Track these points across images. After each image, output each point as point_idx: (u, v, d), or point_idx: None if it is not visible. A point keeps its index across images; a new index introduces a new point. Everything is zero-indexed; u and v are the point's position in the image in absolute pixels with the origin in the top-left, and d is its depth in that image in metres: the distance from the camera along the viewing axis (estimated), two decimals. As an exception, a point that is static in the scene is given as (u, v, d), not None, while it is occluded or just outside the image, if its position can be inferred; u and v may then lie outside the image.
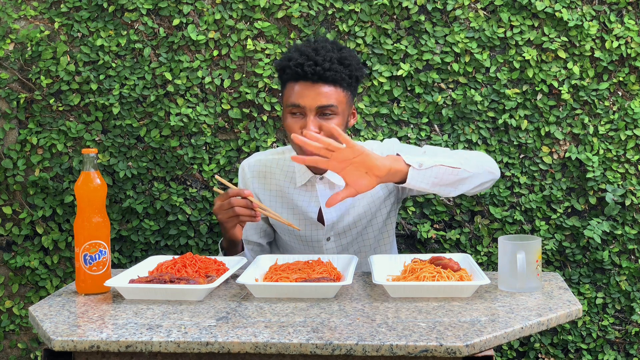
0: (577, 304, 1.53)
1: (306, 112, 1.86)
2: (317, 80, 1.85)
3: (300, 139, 1.62)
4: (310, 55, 1.86)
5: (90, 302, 1.58)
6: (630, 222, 2.36)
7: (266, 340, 1.31)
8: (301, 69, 1.85)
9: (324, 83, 1.85)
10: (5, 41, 2.39)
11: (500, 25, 2.35)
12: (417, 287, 1.57)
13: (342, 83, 1.87)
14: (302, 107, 1.85)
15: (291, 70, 1.87)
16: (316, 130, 1.83)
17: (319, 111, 1.85)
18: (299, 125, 1.87)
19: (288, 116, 1.89)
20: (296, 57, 1.87)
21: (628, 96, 2.36)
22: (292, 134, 1.85)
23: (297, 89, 1.86)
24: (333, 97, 1.86)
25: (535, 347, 2.40)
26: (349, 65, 1.88)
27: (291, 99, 1.87)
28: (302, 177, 2.00)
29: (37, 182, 2.41)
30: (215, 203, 1.83)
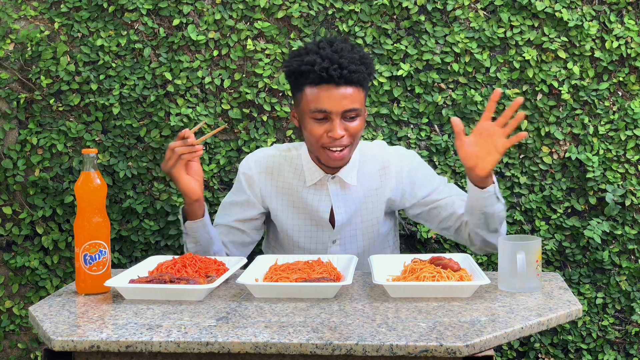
0: (577, 304, 1.53)
1: (332, 116, 1.85)
2: (342, 84, 1.84)
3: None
4: (333, 58, 1.84)
5: (90, 302, 1.58)
6: (630, 222, 2.36)
7: (266, 340, 1.31)
8: (326, 73, 1.83)
9: (348, 85, 1.85)
10: (5, 41, 2.39)
11: (500, 25, 2.35)
12: (417, 287, 1.57)
13: (364, 83, 1.89)
14: (329, 112, 1.85)
15: (315, 75, 1.84)
16: (343, 134, 1.85)
17: (344, 115, 1.86)
18: (324, 129, 1.87)
19: (311, 121, 1.88)
20: (319, 61, 1.83)
21: (628, 96, 2.36)
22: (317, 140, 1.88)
23: (321, 93, 1.85)
24: (357, 99, 1.87)
25: (535, 347, 2.40)
26: (369, 65, 1.90)
27: (315, 104, 1.85)
28: (313, 176, 1.99)
29: (37, 182, 2.41)
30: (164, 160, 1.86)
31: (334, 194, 1.99)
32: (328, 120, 1.86)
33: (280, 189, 2.02)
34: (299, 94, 1.90)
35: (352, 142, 1.90)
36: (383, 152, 2.06)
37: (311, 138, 1.89)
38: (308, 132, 1.89)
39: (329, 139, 1.87)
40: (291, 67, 1.90)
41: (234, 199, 2.06)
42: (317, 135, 1.87)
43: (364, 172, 2.02)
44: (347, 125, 1.87)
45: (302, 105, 1.89)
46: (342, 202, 2.00)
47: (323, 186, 2.00)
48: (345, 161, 1.94)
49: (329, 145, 1.88)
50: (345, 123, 1.86)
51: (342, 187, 2.00)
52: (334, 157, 1.89)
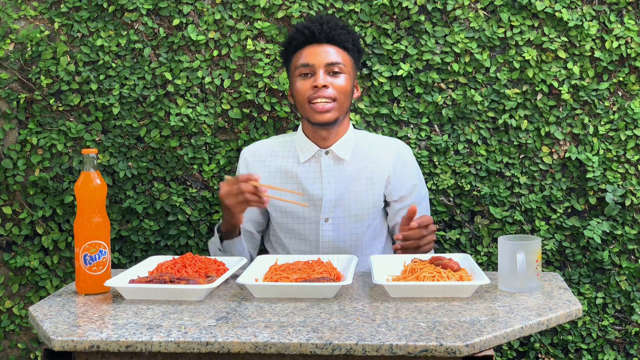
0: (577, 304, 1.53)
1: (315, 69, 1.95)
2: (324, 41, 1.97)
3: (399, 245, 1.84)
4: (315, 19, 2.00)
5: (90, 302, 1.58)
6: (630, 222, 2.36)
7: (266, 340, 1.31)
8: (308, 30, 1.96)
9: (331, 44, 1.97)
10: (5, 41, 2.39)
11: (500, 25, 2.35)
12: (417, 287, 1.57)
13: (347, 46, 1.99)
14: (312, 65, 1.95)
15: (298, 35, 1.97)
16: (325, 84, 1.93)
17: (328, 69, 1.95)
18: (309, 84, 1.95)
19: (297, 80, 1.97)
20: (302, 25, 1.99)
21: (628, 96, 2.36)
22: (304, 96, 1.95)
23: (305, 51, 1.97)
24: (340, 56, 1.97)
25: (535, 347, 2.40)
26: (353, 34, 2.02)
27: (300, 60, 1.97)
28: (307, 152, 2.04)
29: (37, 182, 2.41)
30: (222, 188, 1.85)
31: (326, 169, 2.03)
32: (312, 75, 1.96)
33: (273, 171, 2.06)
34: (290, 66, 2.02)
35: (337, 98, 1.96)
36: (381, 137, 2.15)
37: (299, 97, 1.98)
38: (297, 93, 1.98)
39: (313, 89, 1.94)
40: (284, 43, 2.05)
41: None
42: (303, 89, 1.96)
43: (360, 151, 2.07)
44: (332, 81, 1.96)
45: (291, 73, 2.01)
46: (333, 177, 2.03)
47: (316, 161, 2.04)
48: (332, 117, 1.97)
49: (313, 96, 1.94)
50: (329, 78, 1.95)
51: (335, 162, 2.04)
52: (319, 109, 1.94)
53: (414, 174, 2.11)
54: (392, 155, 2.09)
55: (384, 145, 2.11)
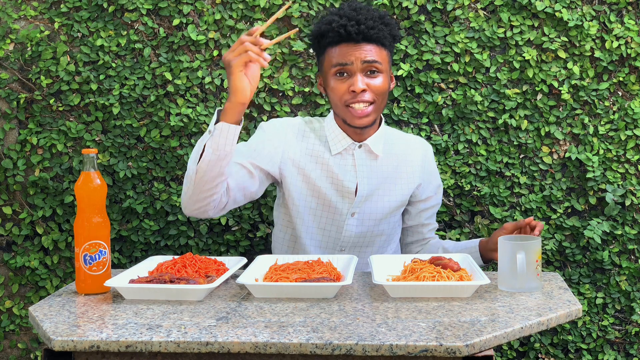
0: (577, 304, 1.53)
1: (353, 70, 1.86)
2: (361, 40, 1.85)
3: None
4: (351, 15, 1.85)
5: (90, 302, 1.58)
6: (630, 222, 2.36)
7: (266, 340, 1.31)
8: (344, 29, 1.84)
9: (368, 42, 1.86)
10: (5, 41, 2.39)
11: (500, 25, 2.35)
12: (417, 287, 1.57)
13: (385, 42, 1.89)
14: (349, 64, 1.85)
15: (333, 33, 1.86)
16: (364, 88, 1.85)
17: (365, 68, 1.86)
18: (346, 86, 1.87)
19: (333, 79, 1.88)
20: (337, 19, 1.85)
21: (628, 96, 2.36)
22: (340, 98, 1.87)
23: (340, 50, 1.86)
24: (377, 54, 1.87)
25: (535, 347, 2.40)
26: (389, 24, 1.90)
27: (337, 59, 1.86)
28: (339, 144, 1.97)
29: (37, 182, 2.41)
30: (227, 51, 1.74)
31: (360, 163, 1.98)
32: (349, 76, 1.86)
33: (308, 151, 1.97)
34: (322, 58, 1.91)
35: (376, 100, 1.89)
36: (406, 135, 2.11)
37: (334, 96, 1.89)
38: (331, 91, 1.89)
39: (351, 94, 1.86)
40: (313, 32, 1.92)
41: (251, 144, 1.95)
42: (340, 92, 1.87)
43: (390, 148, 2.03)
44: (369, 82, 1.86)
45: (324, 66, 1.90)
46: (366, 172, 1.99)
47: (349, 154, 1.98)
48: (370, 120, 1.91)
49: (351, 101, 1.87)
50: (366, 79, 1.86)
51: (368, 156, 1.99)
52: (358, 114, 1.88)
53: (437, 175, 2.13)
54: (420, 158, 2.07)
55: (412, 145, 2.08)
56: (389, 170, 2.02)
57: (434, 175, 2.11)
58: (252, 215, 2.41)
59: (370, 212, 2.00)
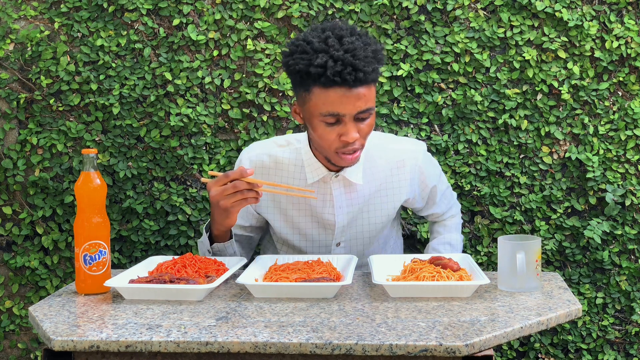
0: (577, 304, 1.53)
1: (344, 120, 1.71)
2: (356, 85, 1.68)
3: None
4: (346, 60, 1.66)
5: (90, 302, 1.58)
6: (630, 222, 2.36)
7: (266, 340, 1.31)
8: (340, 77, 1.66)
9: (362, 85, 1.69)
10: (5, 41, 2.39)
11: (500, 25, 2.35)
12: (417, 287, 1.57)
13: (376, 79, 1.74)
14: (342, 114, 1.69)
15: (326, 79, 1.67)
16: (357, 137, 1.72)
17: (358, 116, 1.72)
18: (336, 133, 1.72)
19: (321, 125, 1.72)
20: (331, 64, 1.66)
21: (628, 96, 2.36)
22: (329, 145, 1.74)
23: (332, 96, 1.68)
24: (370, 98, 1.71)
25: (535, 347, 2.40)
26: (381, 60, 1.74)
27: (327, 107, 1.69)
28: (314, 173, 1.87)
29: (37, 182, 2.41)
30: (212, 189, 1.67)
31: (337, 194, 1.90)
32: (340, 123, 1.72)
33: (277, 188, 1.88)
34: (305, 94, 1.72)
35: (364, 142, 1.78)
36: (394, 146, 1.96)
37: (322, 142, 1.76)
38: (318, 137, 1.75)
39: (342, 142, 1.73)
40: (296, 67, 1.71)
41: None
42: (329, 140, 1.74)
43: (371, 169, 1.92)
44: (360, 127, 1.73)
45: (308, 106, 1.73)
46: (345, 202, 1.91)
47: (326, 185, 1.89)
48: (357, 160, 1.82)
49: (341, 149, 1.75)
50: (358, 124, 1.73)
51: (346, 185, 1.90)
52: (348, 160, 1.77)
53: (431, 177, 2.00)
54: (409, 173, 1.95)
55: (398, 160, 1.94)
56: (370, 194, 1.93)
57: (426, 183, 1.99)
58: (252, 215, 2.41)
59: (356, 237, 1.97)
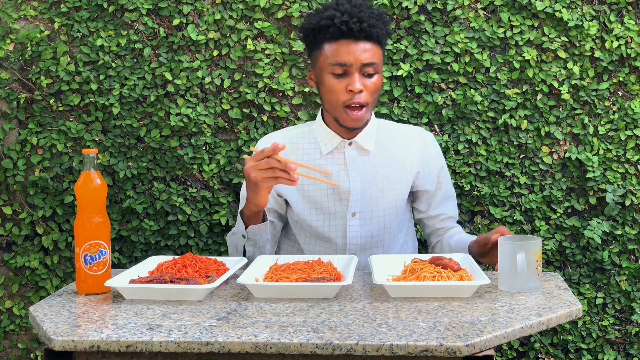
0: (577, 304, 1.53)
1: (351, 70, 1.85)
2: (362, 38, 1.85)
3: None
4: (353, 12, 1.84)
5: (91, 302, 1.58)
6: (630, 222, 2.36)
7: (266, 340, 1.31)
8: (346, 26, 1.82)
9: (367, 40, 1.85)
10: (5, 41, 2.39)
11: (500, 25, 2.35)
12: (417, 287, 1.57)
13: (382, 40, 1.89)
14: (348, 65, 1.84)
15: (334, 29, 1.84)
16: (362, 88, 1.84)
17: (363, 70, 1.85)
18: (343, 85, 1.86)
19: (329, 77, 1.87)
20: (338, 15, 1.84)
21: (628, 96, 2.36)
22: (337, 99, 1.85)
23: (340, 47, 1.85)
24: (375, 54, 1.87)
25: (535, 347, 2.40)
26: (387, 23, 1.91)
27: (335, 58, 1.85)
28: (329, 143, 1.97)
29: (37, 182, 2.41)
30: (248, 162, 1.73)
31: (350, 161, 1.97)
32: (347, 75, 1.85)
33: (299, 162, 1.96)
34: (317, 52, 1.89)
35: (371, 101, 1.89)
36: (402, 127, 2.08)
37: (330, 96, 1.88)
38: (326, 90, 1.88)
39: (349, 94, 1.86)
40: (309, 25, 1.89)
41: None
42: (337, 91, 1.86)
43: (383, 141, 2.01)
44: (365, 82, 1.86)
45: (320, 62, 1.88)
46: (358, 169, 1.98)
47: (340, 153, 1.97)
48: (364, 121, 1.92)
49: (348, 101, 1.86)
50: (363, 79, 1.86)
51: (359, 153, 1.98)
52: (354, 117, 1.88)
53: (439, 160, 2.09)
54: (419, 146, 2.04)
55: (408, 136, 2.05)
56: (382, 164, 2.00)
57: (434, 161, 2.07)
58: (252, 215, 2.41)
59: (371, 210, 1.99)
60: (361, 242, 2.00)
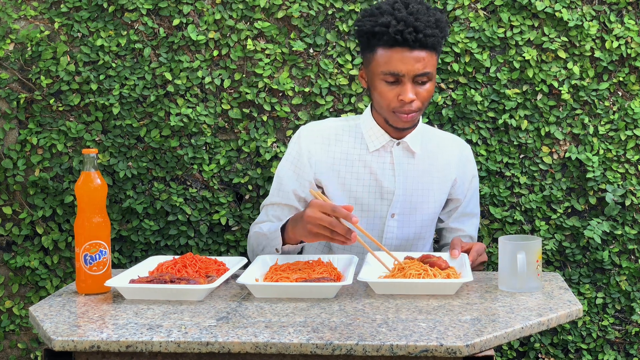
0: (577, 304, 1.53)
1: (403, 79, 1.83)
2: (417, 47, 1.81)
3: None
4: (409, 21, 1.80)
5: (91, 302, 1.58)
6: (630, 222, 2.36)
7: (266, 340, 1.31)
8: (401, 35, 1.79)
9: (422, 49, 1.82)
10: (5, 41, 2.39)
11: (500, 25, 2.35)
12: (400, 285, 1.59)
13: (437, 47, 1.86)
14: (401, 74, 1.81)
15: (389, 37, 1.80)
16: (413, 98, 1.82)
17: (416, 79, 1.83)
18: (395, 93, 1.84)
19: (382, 84, 1.85)
20: (394, 23, 1.80)
21: (628, 96, 2.36)
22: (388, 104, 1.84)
23: (393, 55, 1.81)
24: (429, 63, 1.84)
25: (535, 347, 2.40)
26: (444, 28, 1.87)
27: (387, 66, 1.82)
28: (377, 141, 1.94)
29: (37, 182, 2.41)
30: (313, 209, 1.66)
31: (398, 161, 1.95)
32: (399, 83, 1.83)
33: (337, 158, 1.96)
34: (370, 54, 1.87)
35: (422, 107, 1.88)
36: (441, 132, 2.10)
37: (381, 101, 1.86)
38: (378, 95, 1.87)
39: (400, 102, 1.84)
40: (364, 27, 1.86)
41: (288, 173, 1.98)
42: (388, 98, 1.84)
43: (426, 146, 2.00)
44: (418, 90, 1.84)
45: (372, 66, 1.86)
46: (404, 170, 1.96)
47: (387, 152, 1.96)
48: (414, 123, 1.91)
49: (399, 109, 1.85)
50: (416, 87, 1.84)
51: (406, 154, 1.96)
52: (405, 119, 1.86)
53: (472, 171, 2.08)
54: (457, 153, 2.04)
55: (448, 143, 2.05)
56: (426, 169, 1.99)
57: (470, 169, 2.06)
58: (253, 215, 2.41)
59: (410, 212, 1.97)
60: (395, 244, 1.97)
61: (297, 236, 1.76)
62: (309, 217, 1.66)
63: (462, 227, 2.06)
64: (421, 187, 1.98)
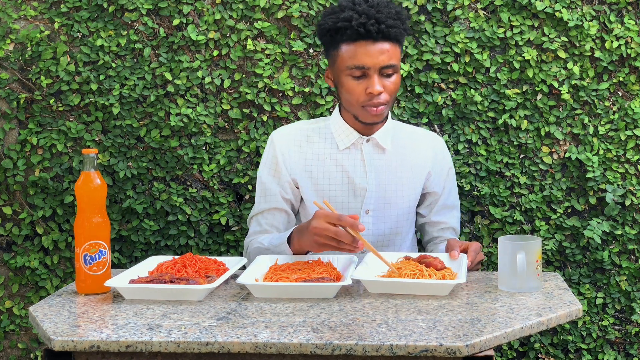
0: (577, 304, 1.53)
1: (369, 72, 1.85)
2: (380, 39, 1.84)
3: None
4: (370, 13, 1.83)
5: (91, 302, 1.58)
6: (630, 222, 2.36)
7: (266, 340, 1.31)
8: (364, 28, 1.81)
9: (385, 41, 1.84)
10: (5, 41, 2.39)
11: (500, 25, 2.35)
12: (393, 284, 1.60)
13: (400, 39, 1.88)
14: (367, 67, 1.84)
15: (352, 31, 1.83)
16: (381, 90, 1.85)
17: (382, 71, 1.85)
18: (362, 87, 1.86)
19: (348, 79, 1.87)
20: (356, 17, 1.82)
21: (628, 96, 2.36)
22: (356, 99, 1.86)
23: (358, 49, 1.84)
24: (394, 55, 1.87)
25: (535, 347, 2.40)
26: (405, 20, 1.90)
27: (353, 60, 1.84)
28: (346, 139, 1.97)
29: (37, 182, 2.41)
30: (321, 221, 1.68)
31: (368, 157, 1.98)
32: (366, 77, 1.86)
33: (309, 159, 1.99)
34: (335, 52, 1.89)
35: (390, 99, 1.90)
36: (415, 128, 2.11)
37: (349, 96, 1.88)
38: (345, 91, 1.89)
39: (368, 95, 1.86)
40: (326, 25, 1.88)
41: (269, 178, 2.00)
42: (356, 93, 1.86)
43: (398, 141, 2.02)
44: (384, 82, 1.87)
45: (337, 63, 1.88)
46: (375, 167, 1.98)
47: (357, 149, 1.98)
48: (383, 117, 1.93)
49: (367, 102, 1.87)
50: (382, 80, 1.86)
51: (376, 150, 1.99)
52: (374, 113, 1.88)
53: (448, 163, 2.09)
54: (430, 150, 2.05)
55: (421, 137, 2.07)
56: (398, 164, 2.01)
57: (444, 162, 2.08)
58: (252, 215, 2.41)
59: (384, 207, 1.99)
60: (372, 241, 1.99)
61: (304, 247, 1.78)
62: (315, 229, 1.68)
63: (445, 220, 2.07)
64: (394, 182, 1.99)
